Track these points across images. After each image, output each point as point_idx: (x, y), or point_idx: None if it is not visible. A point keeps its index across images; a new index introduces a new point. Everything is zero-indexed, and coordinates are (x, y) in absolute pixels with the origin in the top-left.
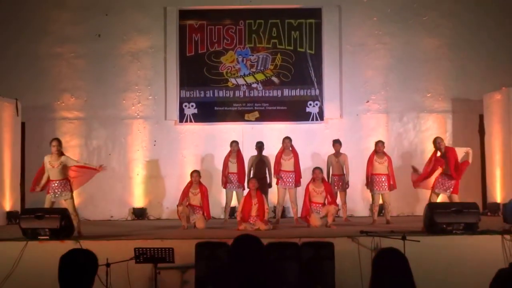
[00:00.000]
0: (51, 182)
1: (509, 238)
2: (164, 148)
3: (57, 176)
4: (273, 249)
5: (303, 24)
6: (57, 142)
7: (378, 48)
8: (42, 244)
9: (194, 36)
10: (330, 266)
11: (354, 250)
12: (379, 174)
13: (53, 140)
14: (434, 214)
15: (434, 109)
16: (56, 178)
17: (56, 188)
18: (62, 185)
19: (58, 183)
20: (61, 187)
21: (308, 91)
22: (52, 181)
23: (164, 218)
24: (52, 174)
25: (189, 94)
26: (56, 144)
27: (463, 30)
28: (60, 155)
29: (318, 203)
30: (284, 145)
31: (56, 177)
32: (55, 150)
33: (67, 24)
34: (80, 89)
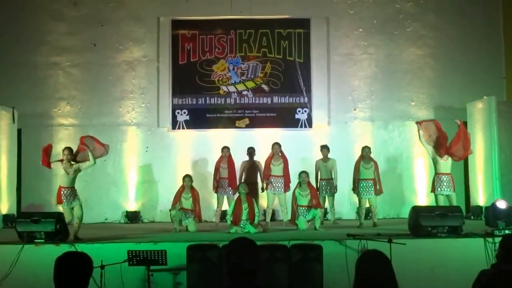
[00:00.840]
0: (62, 189)
1: (491, 240)
2: (157, 154)
3: (69, 183)
4: (263, 251)
5: (292, 34)
6: (68, 151)
7: (364, 58)
8: (37, 247)
9: (187, 45)
10: (318, 268)
11: (341, 252)
12: (366, 179)
13: (65, 149)
14: (419, 217)
15: (418, 117)
16: (68, 186)
17: (68, 195)
18: (74, 193)
19: (70, 190)
20: (73, 195)
21: (297, 99)
22: (63, 188)
23: (157, 221)
24: (65, 181)
25: (182, 101)
26: (68, 153)
27: (446, 41)
28: (72, 164)
29: (304, 206)
30: (274, 150)
31: (68, 184)
32: (66, 159)
33: (64, 35)
34: (76, 97)
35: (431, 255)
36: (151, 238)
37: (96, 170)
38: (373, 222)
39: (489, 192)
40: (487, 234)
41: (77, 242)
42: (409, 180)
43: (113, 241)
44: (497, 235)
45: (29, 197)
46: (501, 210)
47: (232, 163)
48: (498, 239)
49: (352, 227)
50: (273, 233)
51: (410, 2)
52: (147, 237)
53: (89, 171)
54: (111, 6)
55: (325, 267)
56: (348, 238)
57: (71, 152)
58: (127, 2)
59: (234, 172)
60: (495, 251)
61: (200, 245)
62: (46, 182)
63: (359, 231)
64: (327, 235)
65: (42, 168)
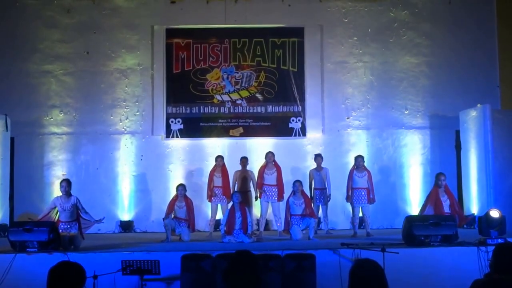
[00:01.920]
0: (60, 223)
1: (484, 249)
2: (151, 163)
3: (68, 218)
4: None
5: (286, 43)
6: (66, 183)
7: (359, 66)
8: (30, 256)
9: (181, 54)
10: (312, 277)
11: (335, 262)
12: (359, 188)
13: (63, 181)
14: (412, 227)
15: (412, 125)
16: (67, 220)
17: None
18: (72, 225)
19: (68, 225)
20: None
21: (291, 108)
22: (62, 222)
23: (151, 231)
24: (63, 216)
25: (176, 110)
26: (65, 185)
27: (440, 49)
28: (69, 196)
29: (297, 215)
30: (267, 159)
31: (67, 218)
32: (64, 191)
33: (57, 42)
34: (69, 105)
35: (425, 264)
36: (145, 248)
37: (89, 178)
38: (367, 232)
39: (483, 201)
40: (480, 243)
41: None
42: (402, 190)
43: (106, 250)
44: (490, 244)
45: (22, 205)
46: (494, 219)
47: (226, 172)
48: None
49: (346, 236)
50: (267, 243)
51: (405, 11)
52: (140, 247)
53: (82, 179)
54: (105, 13)
55: (319, 276)
56: (341, 247)
57: (68, 184)
58: (121, 10)
59: (228, 181)
60: (488, 260)
61: (194, 254)
62: (38, 191)
63: (352, 240)
64: (321, 244)
65: (35, 177)
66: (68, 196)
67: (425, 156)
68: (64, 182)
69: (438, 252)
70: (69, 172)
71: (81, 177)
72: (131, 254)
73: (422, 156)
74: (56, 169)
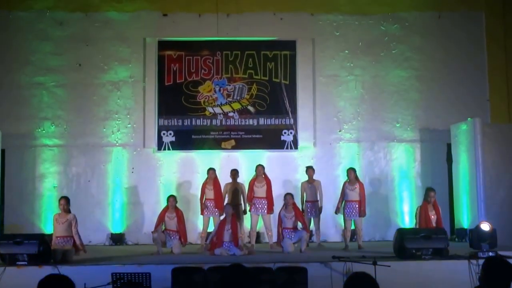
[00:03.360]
0: (56, 239)
1: (475, 262)
2: (142, 175)
3: (62, 233)
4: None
5: (278, 56)
6: (64, 201)
7: (350, 79)
8: (20, 269)
9: (173, 66)
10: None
11: (326, 275)
12: (351, 201)
13: (61, 199)
14: (404, 239)
15: (403, 138)
16: (61, 235)
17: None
18: (66, 241)
19: (63, 240)
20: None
21: (283, 120)
22: (58, 237)
23: (142, 244)
24: (58, 231)
25: (167, 122)
26: (64, 203)
27: (430, 63)
28: (68, 213)
29: (289, 228)
30: (257, 172)
31: (61, 233)
32: (62, 208)
33: (49, 55)
34: (61, 117)
35: (416, 277)
36: (136, 260)
37: (80, 191)
38: (358, 245)
39: (474, 214)
40: (471, 256)
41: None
42: (394, 202)
43: (97, 263)
44: (482, 257)
45: (13, 218)
46: (485, 232)
47: (218, 185)
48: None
49: (338, 249)
50: (258, 255)
51: (396, 25)
52: (131, 259)
53: (73, 191)
54: (97, 26)
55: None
56: (333, 260)
57: (67, 202)
58: (113, 23)
59: (220, 194)
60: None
61: (186, 267)
62: (29, 203)
63: (344, 253)
64: (312, 257)
65: (26, 189)
66: (66, 213)
67: (416, 169)
68: (63, 200)
69: (429, 265)
70: (61, 184)
71: (73, 189)
72: (122, 267)
73: (414, 169)
74: (48, 181)
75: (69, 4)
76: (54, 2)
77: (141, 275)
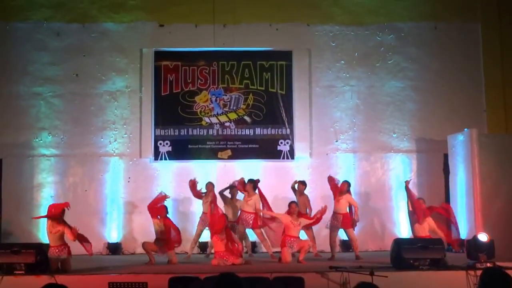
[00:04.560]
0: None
1: (473, 273)
2: (139, 185)
3: (55, 242)
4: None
5: (275, 66)
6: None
7: (346, 90)
8: (17, 279)
9: (169, 76)
10: None
11: (323, 285)
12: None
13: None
14: (401, 250)
15: (399, 149)
16: (55, 244)
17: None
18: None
19: (57, 249)
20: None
21: (279, 130)
22: (52, 247)
23: (139, 253)
24: (51, 240)
25: (164, 132)
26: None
27: (426, 74)
28: (60, 222)
29: (293, 236)
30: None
31: (55, 243)
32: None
33: (46, 65)
34: (58, 127)
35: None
36: (133, 270)
37: (77, 200)
38: (356, 255)
39: (471, 224)
40: (469, 267)
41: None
42: (391, 212)
43: (94, 272)
44: (479, 268)
45: (10, 228)
46: (482, 243)
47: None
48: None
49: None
50: (255, 265)
51: (391, 35)
52: (128, 269)
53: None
54: (94, 36)
55: None
56: (330, 271)
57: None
58: (110, 33)
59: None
60: (475, 285)
61: (182, 277)
62: (26, 213)
63: (341, 263)
64: (309, 267)
65: (23, 199)
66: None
67: (413, 179)
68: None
69: (427, 275)
70: (58, 194)
71: (70, 199)
72: (119, 276)
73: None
74: (45, 191)
75: (66, 15)
76: (51, 13)
77: (138, 285)
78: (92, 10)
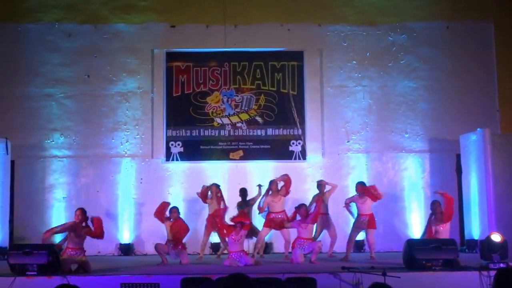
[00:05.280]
0: (68, 250)
1: (486, 274)
2: (151, 186)
3: (76, 244)
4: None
5: (286, 66)
6: (80, 211)
7: (358, 90)
8: (29, 280)
9: (181, 77)
10: None
11: (336, 285)
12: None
13: (77, 210)
14: (413, 250)
15: (412, 149)
16: (75, 247)
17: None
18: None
19: (75, 251)
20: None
21: (291, 131)
22: (70, 249)
23: (151, 254)
24: (73, 242)
25: (176, 133)
26: (80, 213)
27: (439, 73)
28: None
29: (304, 238)
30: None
31: (75, 245)
32: (78, 219)
33: (58, 66)
34: (70, 128)
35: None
36: (145, 271)
37: (89, 201)
38: (371, 256)
39: (484, 225)
40: (482, 267)
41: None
42: (403, 213)
43: (106, 273)
44: (493, 269)
45: (22, 229)
46: (496, 243)
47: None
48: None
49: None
50: (267, 266)
51: (403, 35)
52: (140, 270)
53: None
54: (106, 37)
55: None
56: (342, 271)
57: (83, 213)
58: (122, 34)
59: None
60: (489, 285)
61: (194, 278)
62: (38, 214)
63: (353, 264)
64: (322, 268)
65: (35, 200)
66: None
67: (425, 180)
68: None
69: (439, 276)
70: (70, 195)
71: (81, 200)
72: (131, 277)
73: (423, 180)
74: (57, 192)
75: (78, 16)
76: (63, 14)
77: (150, 286)
78: (104, 11)
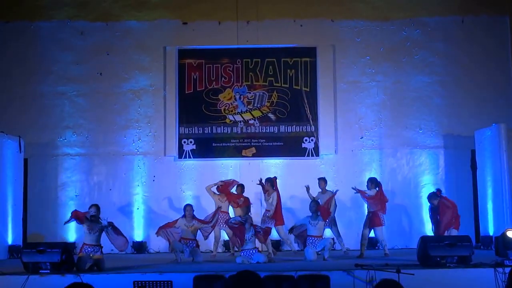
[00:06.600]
0: (84, 246)
1: (501, 270)
2: (163, 183)
3: (92, 241)
4: (270, 282)
5: (299, 63)
6: (95, 208)
7: (371, 86)
8: (43, 278)
9: (193, 74)
10: None
11: (349, 283)
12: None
13: (91, 206)
14: (428, 247)
15: (426, 145)
16: (91, 243)
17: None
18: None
19: (92, 248)
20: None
21: (304, 128)
22: (86, 245)
23: (163, 252)
24: (88, 239)
25: (188, 130)
26: (94, 210)
27: (454, 68)
28: (98, 222)
29: (314, 236)
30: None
31: (91, 241)
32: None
33: (70, 64)
34: (82, 126)
35: (441, 285)
36: (158, 269)
37: (101, 199)
38: (385, 253)
39: (499, 221)
40: (497, 264)
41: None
42: (418, 209)
43: (119, 271)
44: (508, 266)
45: (35, 227)
46: (511, 240)
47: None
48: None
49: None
50: (280, 263)
51: (417, 30)
52: (153, 267)
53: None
54: (118, 35)
55: None
56: (356, 269)
57: (97, 209)
58: (133, 32)
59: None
60: (504, 282)
61: (207, 275)
62: (51, 212)
63: (367, 261)
64: (335, 265)
65: (48, 198)
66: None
67: (440, 176)
68: (93, 207)
69: (454, 273)
70: (82, 193)
71: (94, 198)
72: (144, 275)
73: (437, 176)
74: (70, 190)
75: (90, 14)
76: (75, 12)
77: (163, 283)
78: (115, 8)
